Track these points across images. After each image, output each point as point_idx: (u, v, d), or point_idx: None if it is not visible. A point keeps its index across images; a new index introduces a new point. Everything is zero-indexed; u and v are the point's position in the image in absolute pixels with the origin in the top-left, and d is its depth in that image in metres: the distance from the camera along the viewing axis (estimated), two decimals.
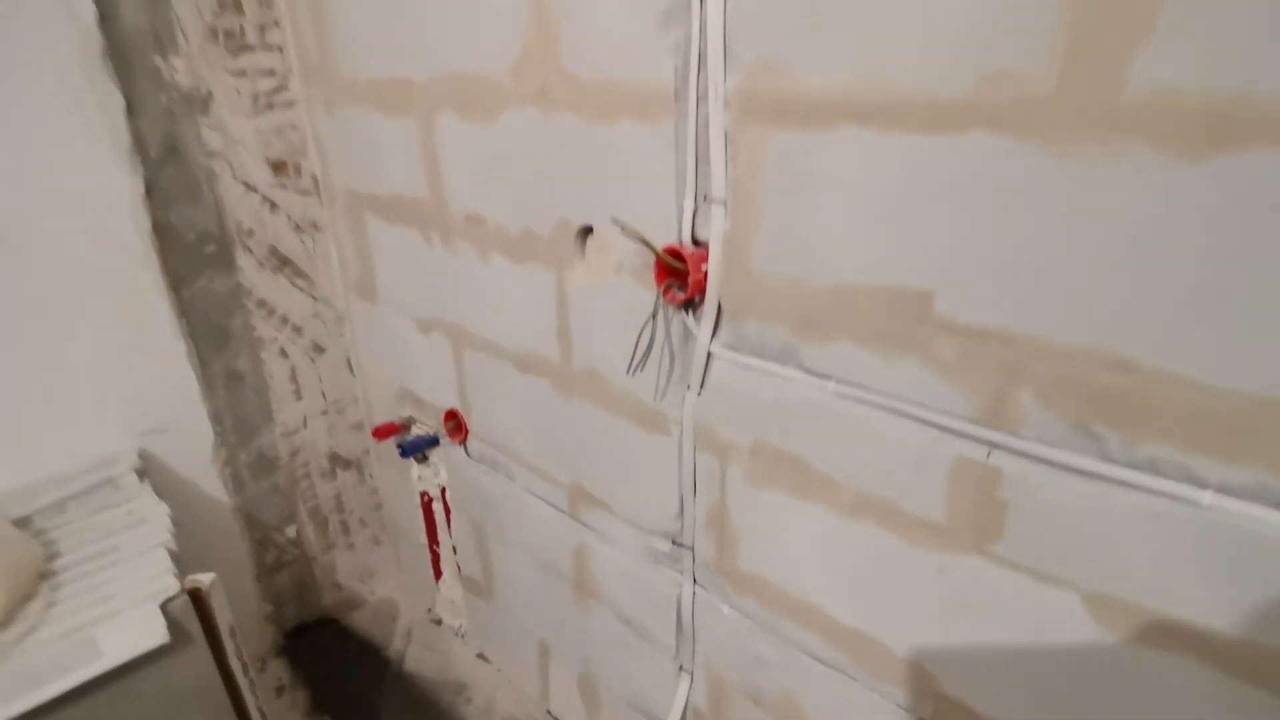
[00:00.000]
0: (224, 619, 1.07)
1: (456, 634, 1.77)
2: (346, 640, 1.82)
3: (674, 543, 1.06)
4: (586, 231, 0.99)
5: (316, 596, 1.81)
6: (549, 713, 1.57)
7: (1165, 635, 0.61)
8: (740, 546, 0.96)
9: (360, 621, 1.86)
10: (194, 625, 1.03)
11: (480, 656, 1.73)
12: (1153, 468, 0.59)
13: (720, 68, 0.74)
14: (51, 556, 1.10)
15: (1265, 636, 0.56)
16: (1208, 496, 0.57)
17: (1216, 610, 0.58)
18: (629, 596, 1.19)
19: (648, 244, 0.85)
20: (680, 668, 1.16)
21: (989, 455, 0.68)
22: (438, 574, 1.73)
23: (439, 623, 1.82)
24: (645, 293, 0.92)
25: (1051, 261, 0.59)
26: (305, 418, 1.65)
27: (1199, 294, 0.53)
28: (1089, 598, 0.66)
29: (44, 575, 1.06)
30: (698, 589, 1.06)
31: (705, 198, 0.82)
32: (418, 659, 1.77)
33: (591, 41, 0.86)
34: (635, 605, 1.18)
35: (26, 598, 1.01)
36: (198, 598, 1.04)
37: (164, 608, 0.99)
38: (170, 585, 1.03)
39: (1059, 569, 0.67)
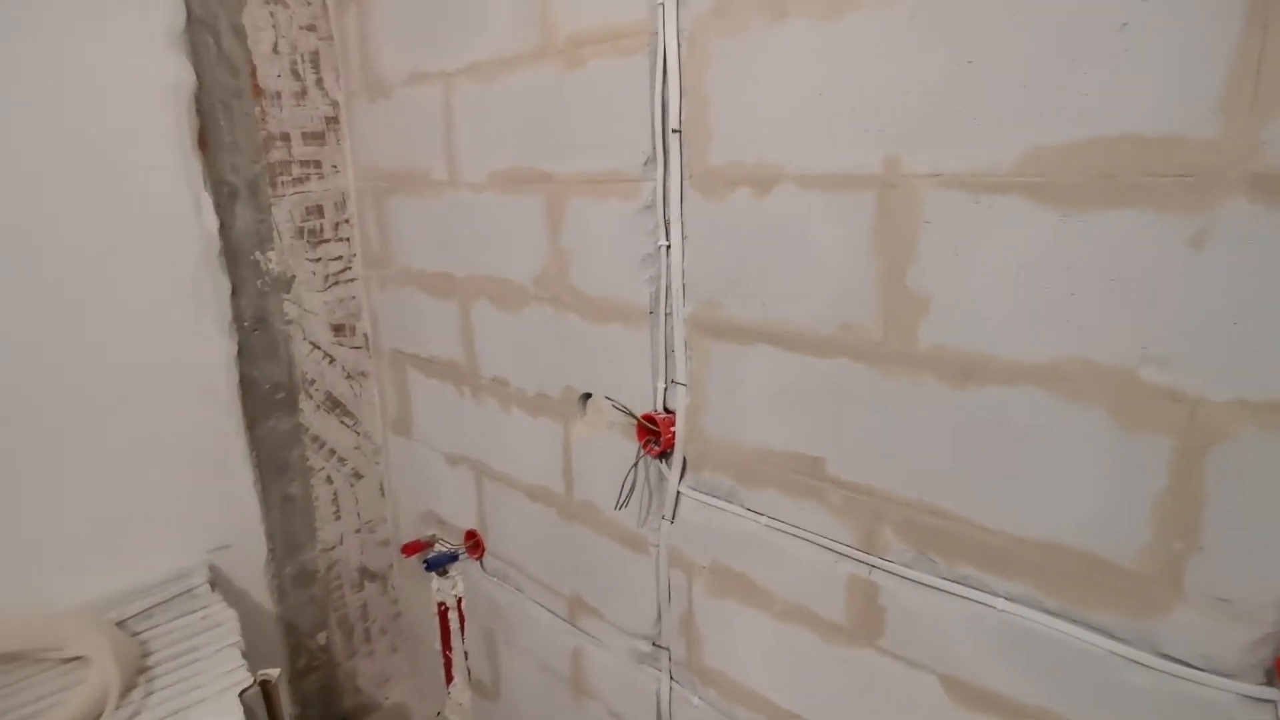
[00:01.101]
0: (285, 708, 1.30)
1: None
2: None
3: (654, 644, 1.31)
4: (586, 397, 1.31)
5: (338, 700, 2.00)
6: None
7: (990, 705, 0.88)
8: (704, 645, 1.22)
9: None
10: (262, 712, 1.27)
11: None
12: (966, 582, 0.87)
13: (680, 298, 1.09)
14: (146, 654, 1.34)
15: (1043, 700, 0.83)
16: (1000, 602, 0.85)
17: (1013, 683, 0.85)
18: (617, 693, 1.42)
19: (630, 413, 1.16)
20: None
21: (870, 573, 0.96)
22: (449, 678, 1.93)
23: None
24: (629, 445, 1.23)
25: (889, 443, 0.90)
26: (342, 535, 1.92)
27: (969, 470, 0.83)
28: (943, 679, 0.92)
29: (141, 670, 1.30)
30: (673, 684, 1.30)
31: (672, 381, 1.14)
32: None
33: (592, 270, 1.21)
34: (623, 701, 1.41)
35: (131, 687, 1.25)
36: (266, 689, 1.28)
37: (240, 696, 1.24)
38: (244, 678, 1.27)
39: (923, 658, 0.93)
